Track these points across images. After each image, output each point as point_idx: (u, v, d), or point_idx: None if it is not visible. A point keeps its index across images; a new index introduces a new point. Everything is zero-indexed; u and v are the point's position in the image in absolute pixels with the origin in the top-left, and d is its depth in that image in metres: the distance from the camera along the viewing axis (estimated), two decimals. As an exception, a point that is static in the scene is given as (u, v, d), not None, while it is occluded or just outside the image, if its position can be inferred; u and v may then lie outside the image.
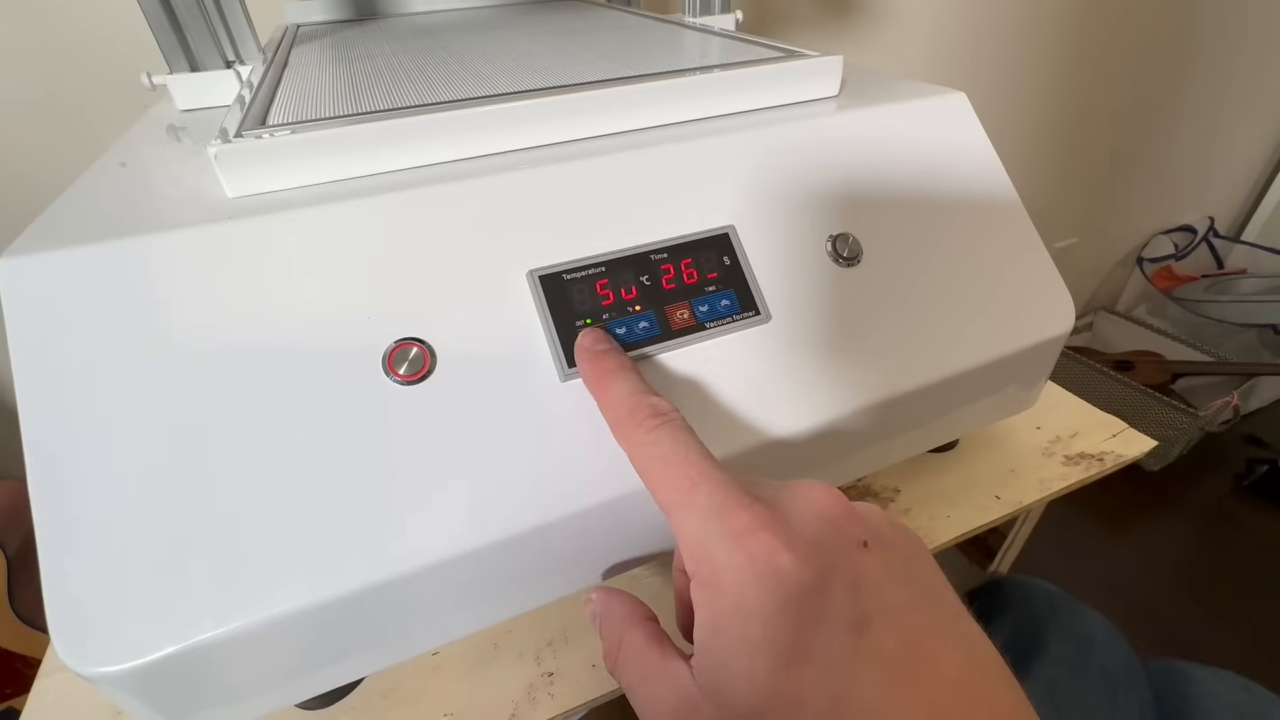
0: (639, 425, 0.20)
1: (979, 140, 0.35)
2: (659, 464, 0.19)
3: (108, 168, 0.30)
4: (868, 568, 0.16)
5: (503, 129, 0.28)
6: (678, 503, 0.18)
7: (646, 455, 0.20)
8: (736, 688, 0.15)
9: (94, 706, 0.29)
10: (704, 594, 0.17)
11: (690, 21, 0.49)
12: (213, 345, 0.22)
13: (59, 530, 0.20)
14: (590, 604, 0.22)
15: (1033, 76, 1.07)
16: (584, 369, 0.24)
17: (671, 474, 0.19)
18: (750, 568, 0.16)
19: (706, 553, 0.17)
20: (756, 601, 0.15)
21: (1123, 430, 0.41)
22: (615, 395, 0.22)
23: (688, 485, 0.18)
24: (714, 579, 0.16)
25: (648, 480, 0.20)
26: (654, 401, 0.21)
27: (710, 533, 0.17)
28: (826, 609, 0.15)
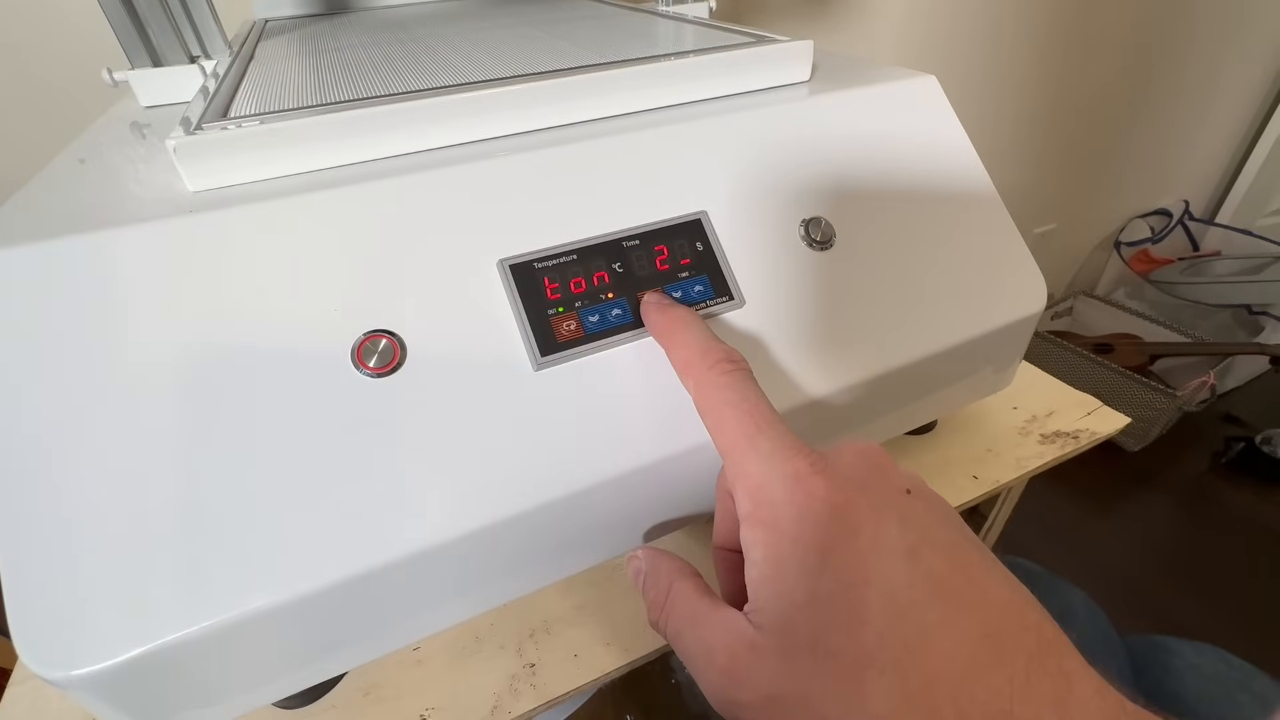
0: (711, 367, 0.21)
1: (950, 123, 0.35)
2: (727, 407, 0.20)
3: (66, 165, 0.29)
4: (914, 508, 0.18)
5: (471, 118, 0.28)
6: (740, 445, 0.19)
7: (716, 397, 0.20)
8: (800, 615, 0.16)
9: (67, 714, 0.29)
10: (762, 532, 0.18)
11: (663, 10, 0.49)
12: (176, 341, 0.22)
13: (19, 530, 0.20)
14: (634, 561, 0.22)
15: (1008, 63, 1.08)
16: (653, 317, 0.25)
17: (738, 418, 0.19)
18: (809, 504, 0.17)
19: (767, 493, 0.18)
20: (815, 534, 0.17)
21: (1097, 408, 0.41)
22: (687, 338, 0.23)
23: (753, 430, 0.19)
24: (773, 517, 0.17)
25: (712, 421, 0.20)
26: (727, 349, 0.22)
27: (772, 474, 0.18)
28: (880, 539, 0.16)
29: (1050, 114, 1.20)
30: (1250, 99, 1.49)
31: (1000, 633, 0.15)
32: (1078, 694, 0.15)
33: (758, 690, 0.17)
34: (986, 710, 0.14)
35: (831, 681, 0.15)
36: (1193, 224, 1.52)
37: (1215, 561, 1.11)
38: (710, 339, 0.23)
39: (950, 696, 0.14)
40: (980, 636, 0.15)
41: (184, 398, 0.21)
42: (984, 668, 0.15)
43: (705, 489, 0.28)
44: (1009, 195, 0.34)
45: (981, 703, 0.14)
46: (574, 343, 0.25)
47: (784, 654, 0.16)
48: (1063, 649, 0.16)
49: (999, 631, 0.15)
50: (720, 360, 0.21)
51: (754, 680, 0.17)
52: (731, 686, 0.17)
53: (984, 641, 0.15)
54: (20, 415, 0.20)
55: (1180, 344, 1.35)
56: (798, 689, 0.16)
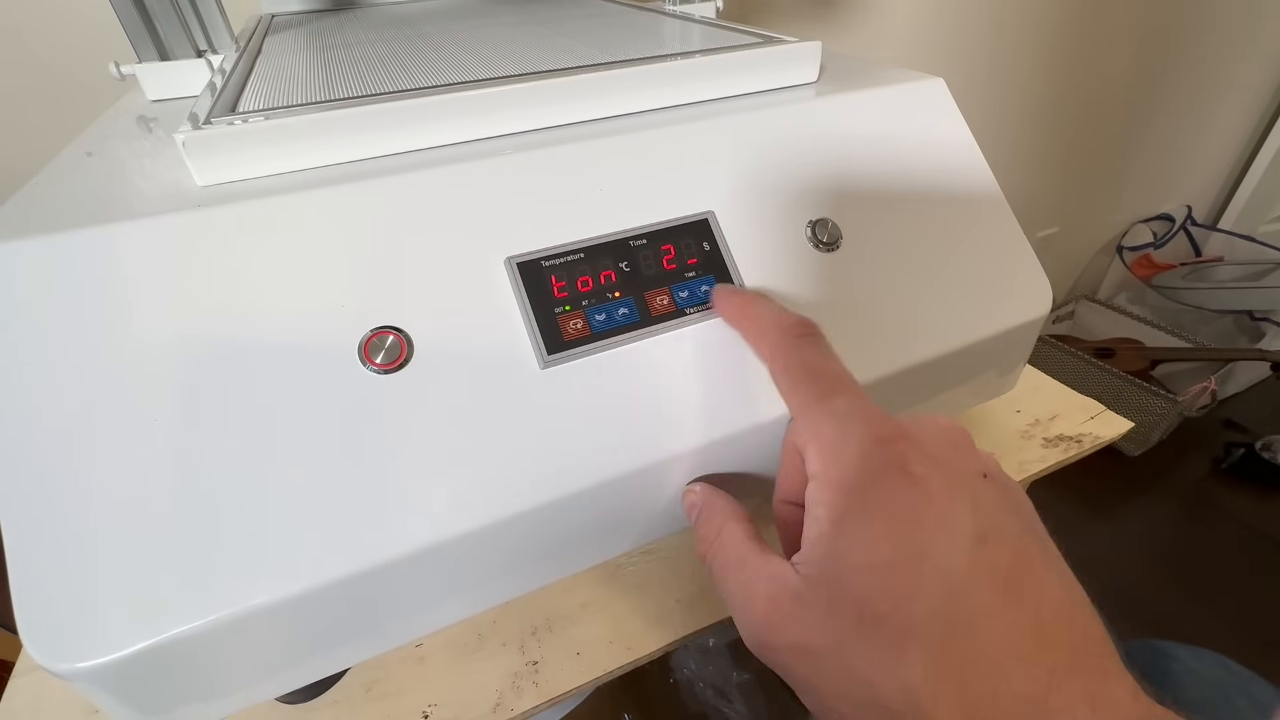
0: (787, 331, 0.22)
1: (957, 125, 0.35)
2: (802, 369, 0.20)
3: (74, 158, 0.29)
4: (987, 494, 0.17)
5: (479, 115, 0.28)
6: (815, 404, 0.19)
7: (793, 359, 0.21)
8: (853, 575, 0.16)
9: (69, 706, 0.29)
10: (829, 491, 0.17)
11: (670, 9, 0.49)
12: (183, 335, 0.22)
13: (25, 523, 0.20)
14: (691, 494, 0.23)
15: (1013, 65, 1.08)
16: (726, 301, 0.25)
17: (814, 379, 0.19)
18: (883, 470, 0.17)
19: (840, 452, 0.18)
20: (884, 500, 0.17)
21: (1100, 412, 0.41)
22: (763, 310, 0.23)
23: (830, 390, 0.19)
24: (841, 476, 0.17)
25: (788, 381, 0.20)
26: (803, 317, 0.22)
27: (849, 435, 0.18)
28: (949, 518, 0.16)
29: (1054, 117, 1.20)
30: (1255, 104, 1.48)
31: (1049, 627, 0.16)
32: (1113, 693, 0.15)
33: (795, 637, 0.17)
34: (1021, 695, 0.14)
35: (872, 643, 0.16)
36: (1195, 229, 1.52)
37: (1215, 567, 1.11)
38: (785, 310, 0.23)
39: (987, 676, 0.15)
40: (1029, 629, 0.15)
41: (190, 392, 0.21)
42: (1027, 657, 0.15)
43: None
44: (1012, 198, 0.34)
45: (1018, 688, 0.15)
46: (580, 341, 0.25)
47: (829, 609, 0.17)
48: (1105, 650, 0.16)
49: (1048, 626, 0.16)
50: (796, 324, 0.22)
51: (793, 628, 0.17)
52: (768, 630, 0.18)
53: (1031, 634, 0.15)
54: (27, 409, 0.20)
55: (1181, 349, 1.35)
56: (835, 643, 0.16)
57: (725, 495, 0.22)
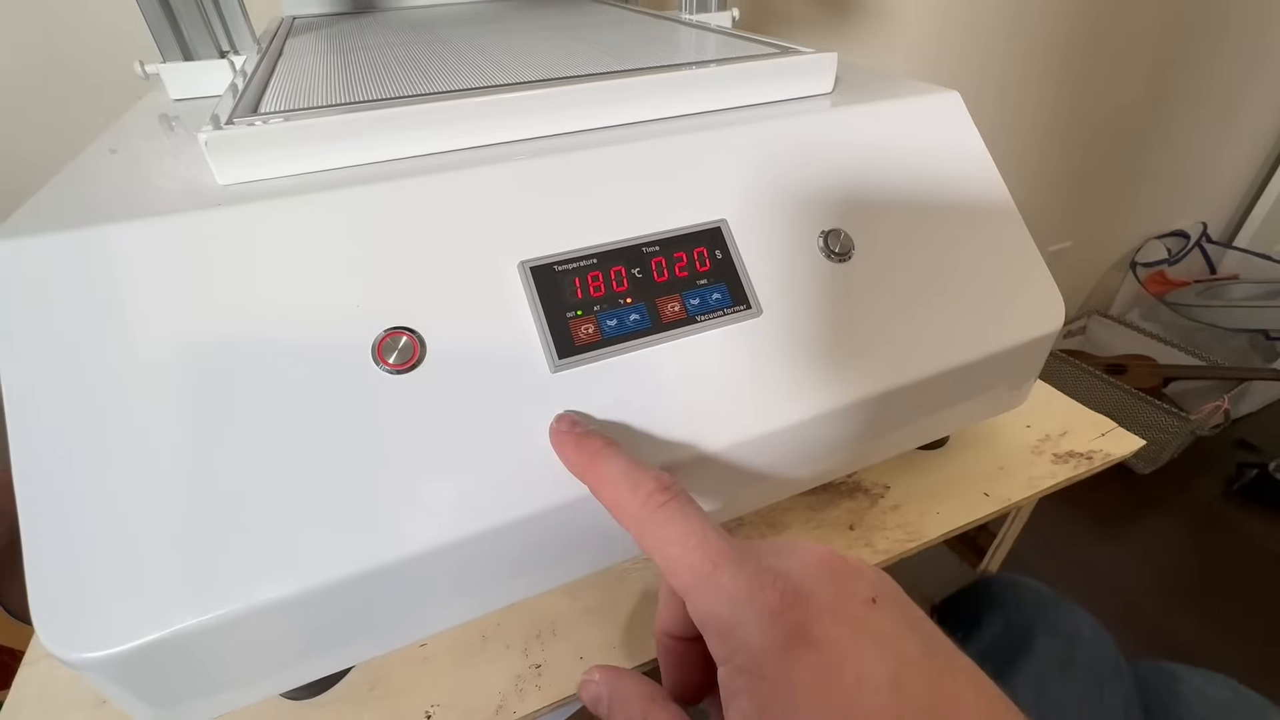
0: (644, 503, 0.20)
1: (972, 139, 0.35)
2: (674, 547, 0.19)
3: (97, 155, 0.30)
4: (884, 623, 0.17)
5: (496, 120, 0.28)
6: (701, 587, 0.18)
7: (660, 536, 0.19)
8: None
9: (77, 696, 0.29)
10: (744, 679, 0.17)
11: (686, 18, 0.49)
12: (200, 332, 0.22)
13: (42, 515, 0.20)
14: (591, 685, 0.20)
15: (1028, 81, 1.08)
16: (568, 453, 0.23)
17: (689, 558, 0.18)
18: (787, 643, 0.16)
19: (743, 637, 0.17)
20: (802, 678, 0.16)
21: (1111, 429, 0.41)
22: (611, 473, 0.21)
23: (710, 568, 0.18)
24: (754, 663, 0.17)
25: (662, 562, 0.19)
26: (656, 475, 0.20)
27: (744, 615, 0.17)
28: (864, 672, 0.16)
29: (1068, 131, 1.19)
30: (1272, 121, 1.47)
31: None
32: None
33: None
34: None
35: None
36: (1210, 246, 1.50)
37: (1225, 589, 1.09)
38: (635, 468, 0.21)
39: None
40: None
41: (204, 388, 0.22)
42: None
43: (718, 497, 0.29)
44: (1025, 212, 0.34)
45: None
46: (591, 346, 0.25)
47: None
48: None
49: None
50: (653, 493, 0.20)
51: None
52: None
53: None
54: (44, 403, 0.21)
55: (1195, 367, 1.34)
56: None
57: (636, 677, 0.20)
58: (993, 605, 0.43)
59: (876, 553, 0.34)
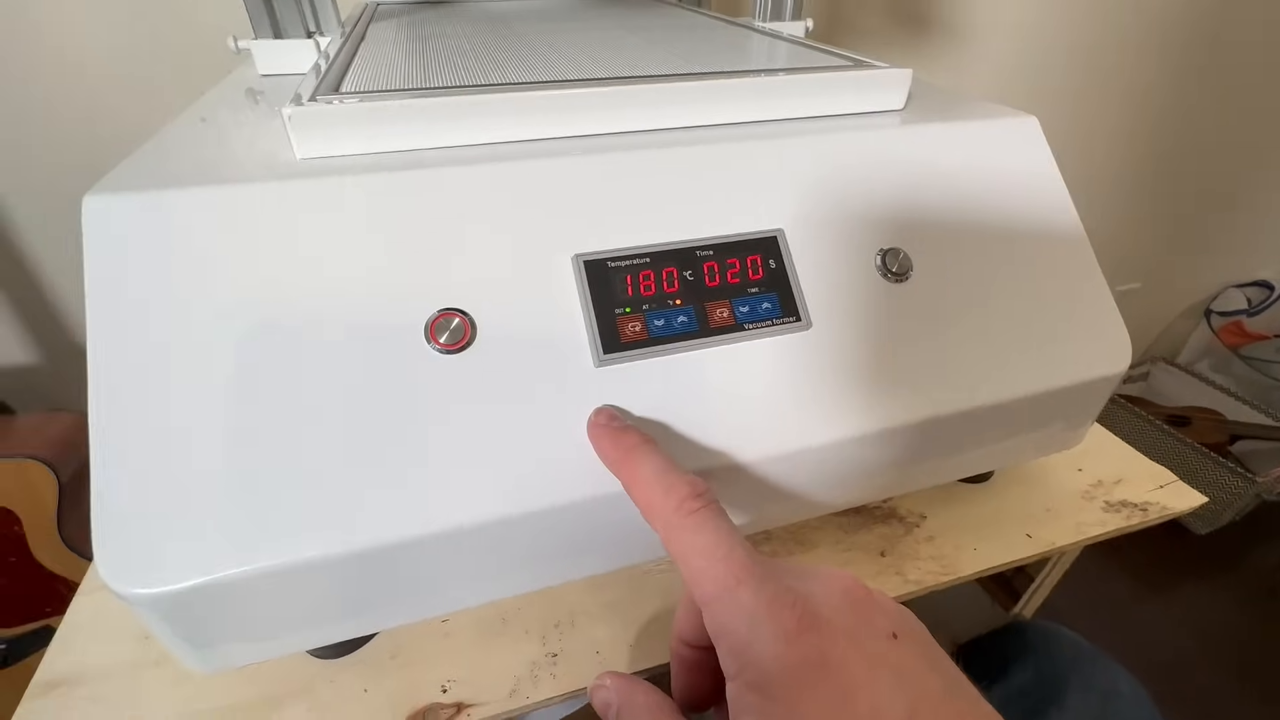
0: (676, 508, 0.19)
1: (1047, 167, 0.34)
2: (701, 556, 0.18)
3: (189, 122, 0.32)
4: (905, 657, 0.17)
5: (564, 114, 0.29)
6: (722, 600, 0.18)
7: (688, 544, 0.19)
8: None
9: (126, 628, 0.31)
10: (754, 697, 0.17)
11: (760, 26, 0.49)
12: (268, 295, 0.23)
13: (111, 457, 0.21)
14: (602, 691, 0.20)
15: (1108, 110, 1.03)
16: (604, 447, 0.23)
17: (715, 568, 0.18)
18: (804, 668, 0.16)
19: (756, 655, 0.17)
20: (813, 703, 0.16)
21: (1171, 482, 0.39)
22: (645, 473, 0.21)
23: (733, 582, 0.18)
24: (765, 681, 0.16)
25: (687, 569, 0.19)
26: (690, 480, 0.20)
27: (760, 634, 0.17)
28: (878, 704, 0.16)
29: (1149, 166, 1.14)
30: (1379, 173, 1.37)
31: None
32: None
33: None
34: None
35: None
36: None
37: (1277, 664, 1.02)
38: (670, 470, 0.21)
39: None
40: None
41: (268, 350, 0.23)
42: None
43: (749, 508, 0.28)
44: (1092, 246, 0.33)
45: None
46: (637, 344, 0.26)
47: None
48: None
49: None
50: (686, 499, 0.20)
51: None
52: None
53: None
54: (122, 350, 0.22)
55: (1267, 426, 1.25)
56: None
57: (647, 687, 0.20)
58: (1024, 651, 0.42)
59: (907, 582, 0.33)
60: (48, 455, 0.65)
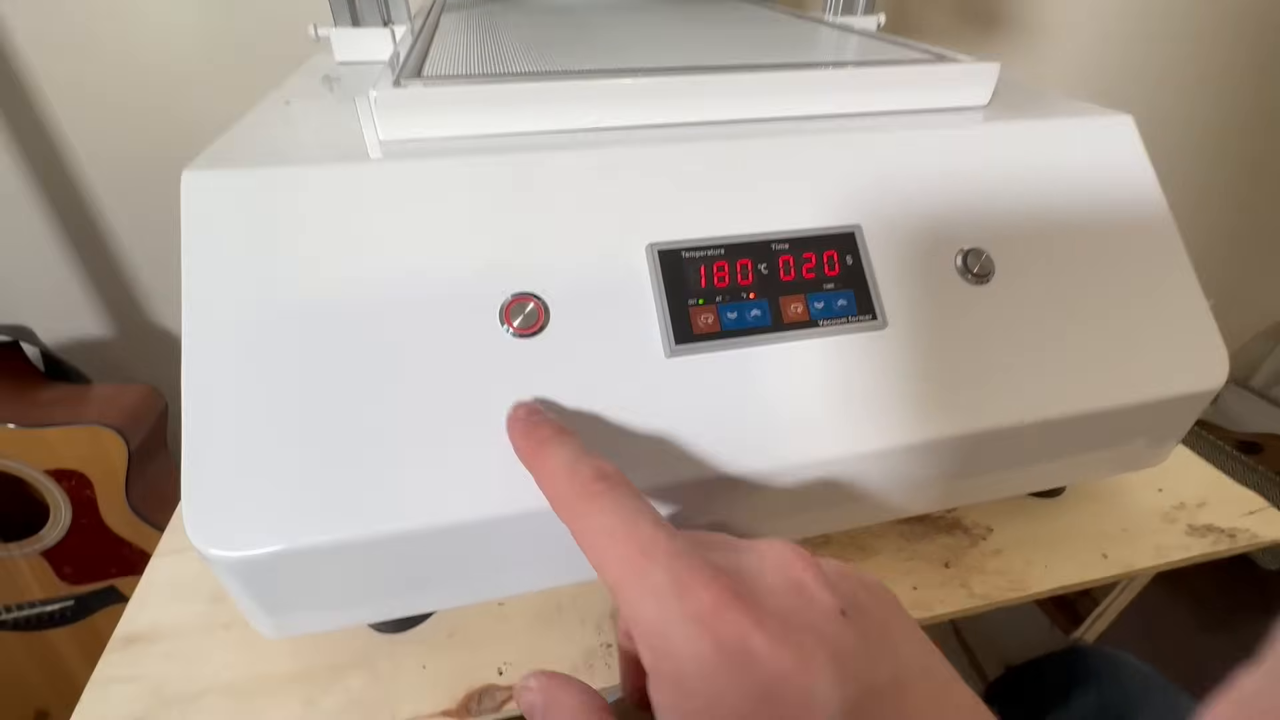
0: (579, 493, 0.18)
1: (1142, 169, 0.32)
2: (604, 536, 0.17)
3: (275, 105, 0.33)
4: (848, 643, 0.15)
5: (643, 102, 0.28)
6: (628, 581, 0.16)
7: (589, 526, 0.17)
8: None
9: (199, 589, 0.32)
10: (669, 694, 0.14)
11: (831, 20, 0.48)
12: (351, 273, 0.24)
13: (203, 423, 0.22)
14: (528, 694, 0.18)
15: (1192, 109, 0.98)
16: (516, 440, 0.22)
17: (619, 547, 0.16)
18: (719, 656, 0.14)
19: (668, 641, 0.15)
20: (730, 695, 0.14)
21: (1262, 509, 0.36)
22: (552, 464, 0.20)
23: (641, 561, 0.16)
24: (678, 673, 0.14)
25: (592, 555, 0.17)
26: (596, 464, 0.18)
27: (670, 616, 0.15)
28: (811, 697, 0.13)
29: (1239, 178, 1.07)
30: None
31: None
32: None
33: None
34: None
35: None
36: (1389, 325, 1.31)
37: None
38: (578, 458, 0.19)
39: None
40: None
41: (350, 329, 0.23)
42: None
43: (809, 509, 0.28)
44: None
45: None
46: (709, 336, 0.25)
47: None
48: None
49: None
50: (588, 481, 0.18)
51: None
52: None
53: None
54: (216, 320, 0.23)
55: (1349, 458, 1.17)
56: None
57: (573, 684, 0.18)
58: (1087, 678, 0.40)
59: (973, 596, 0.32)
60: (119, 424, 0.69)
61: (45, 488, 0.67)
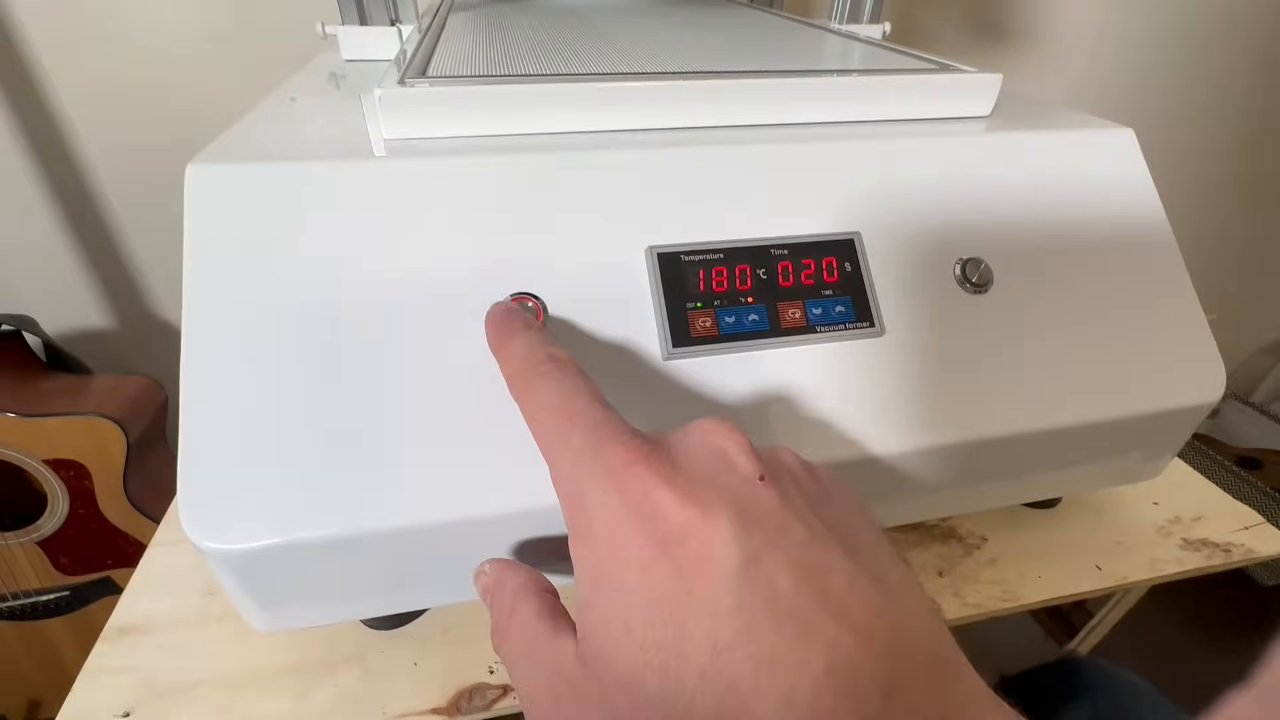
0: (529, 371, 0.19)
1: (1142, 183, 0.32)
2: (543, 408, 0.17)
3: (281, 101, 0.33)
4: (761, 501, 0.14)
5: (646, 106, 0.29)
6: (554, 444, 0.16)
7: (533, 402, 0.18)
8: (615, 649, 0.13)
9: (194, 581, 0.32)
10: (580, 547, 0.15)
11: (836, 27, 0.48)
12: (350, 270, 0.24)
13: (201, 415, 0.22)
14: (481, 576, 0.19)
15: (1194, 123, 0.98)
16: (489, 329, 0.22)
17: (554, 419, 0.17)
18: (624, 506, 0.14)
19: (580, 496, 0.15)
20: (632, 544, 0.14)
21: (1258, 524, 0.36)
22: (514, 350, 0.20)
23: (566, 424, 0.16)
24: (588, 526, 0.15)
25: (532, 426, 0.18)
26: (550, 350, 0.19)
27: (584, 471, 0.15)
28: (710, 548, 0.13)
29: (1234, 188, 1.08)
30: None
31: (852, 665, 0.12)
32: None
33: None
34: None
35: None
36: (1391, 343, 1.31)
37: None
38: (537, 344, 0.20)
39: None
40: (823, 671, 0.12)
41: (350, 326, 0.23)
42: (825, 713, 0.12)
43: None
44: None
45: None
46: (706, 340, 0.25)
47: (601, 695, 0.14)
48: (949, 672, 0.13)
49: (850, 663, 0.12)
50: (539, 362, 0.19)
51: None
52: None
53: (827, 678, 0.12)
54: (215, 313, 0.23)
55: (1349, 476, 1.17)
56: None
57: (520, 568, 0.19)
58: (1080, 690, 0.40)
59: (966, 605, 0.32)
60: (119, 415, 0.69)
61: (43, 477, 0.67)
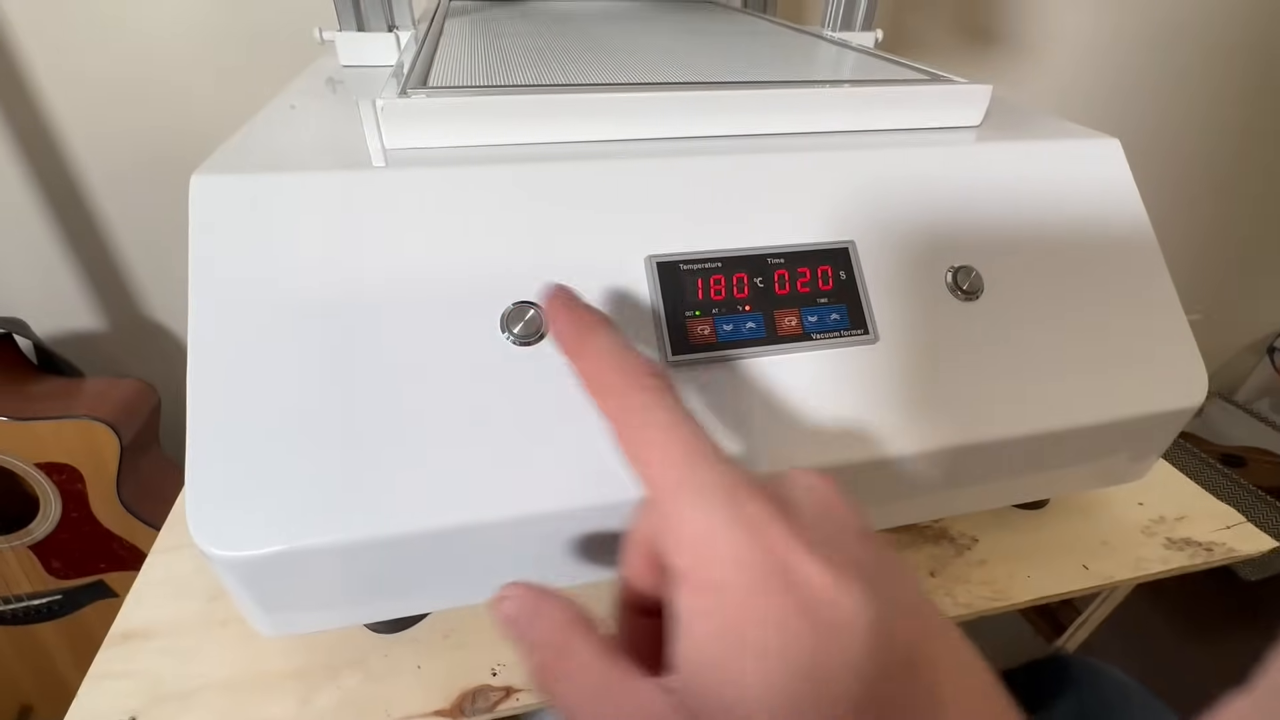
0: (631, 384, 0.17)
1: (1128, 191, 0.33)
2: (660, 432, 0.16)
3: (280, 109, 0.33)
4: (869, 563, 0.15)
5: (644, 117, 0.29)
6: (674, 482, 0.15)
7: (643, 422, 0.16)
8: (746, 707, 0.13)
9: (196, 587, 0.32)
10: (708, 599, 0.14)
11: (828, 35, 0.49)
12: (354, 278, 0.24)
13: (208, 423, 0.22)
14: (504, 603, 0.17)
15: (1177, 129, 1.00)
16: (559, 322, 0.20)
17: (670, 447, 0.16)
18: (766, 567, 0.14)
19: (712, 547, 0.14)
20: (773, 608, 0.14)
21: (1239, 523, 0.37)
22: (599, 347, 0.18)
23: (691, 462, 0.15)
24: (723, 580, 0.14)
25: (640, 452, 0.16)
26: (648, 362, 0.18)
27: (718, 522, 0.14)
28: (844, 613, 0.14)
29: (1216, 192, 1.09)
30: None
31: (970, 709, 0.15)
32: None
33: None
34: None
35: None
36: (1370, 342, 1.34)
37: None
38: (627, 348, 0.18)
39: None
40: None
41: (352, 334, 0.24)
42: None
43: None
44: (1159, 274, 0.32)
45: None
46: (705, 347, 0.26)
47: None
48: None
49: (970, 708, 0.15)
50: (642, 374, 0.17)
51: None
52: None
53: None
54: (220, 321, 0.23)
55: (1330, 473, 1.19)
56: None
57: (560, 600, 0.17)
58: (1066, 687, 0.41)
59: (957, 605, 0.33)
60: (112, 418, 0.69)
61: (35, 481, 0.67)
